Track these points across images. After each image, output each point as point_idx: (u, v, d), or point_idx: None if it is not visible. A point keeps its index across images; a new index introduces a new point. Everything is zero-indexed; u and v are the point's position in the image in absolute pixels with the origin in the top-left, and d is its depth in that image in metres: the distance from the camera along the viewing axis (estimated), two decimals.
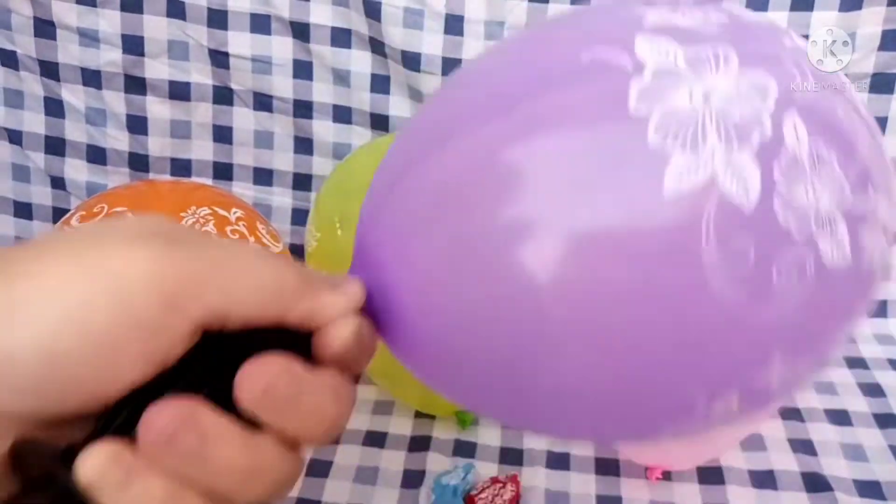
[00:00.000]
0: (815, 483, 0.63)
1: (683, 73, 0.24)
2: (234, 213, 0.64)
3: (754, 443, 0.67)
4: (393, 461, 0.66)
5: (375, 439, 0.68)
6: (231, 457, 0.22)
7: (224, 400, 0.22)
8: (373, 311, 0.27)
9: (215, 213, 0.62)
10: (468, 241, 0.25)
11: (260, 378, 0.22)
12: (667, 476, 0.64)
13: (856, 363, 0.78)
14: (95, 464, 0.21)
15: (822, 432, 0.69)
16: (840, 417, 0.70)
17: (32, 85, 0.86)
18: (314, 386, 0.23)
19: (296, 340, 0.25)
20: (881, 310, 0.84)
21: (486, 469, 0.65)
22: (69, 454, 0.21)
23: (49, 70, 0.85)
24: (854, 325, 0.28)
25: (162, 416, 0.21)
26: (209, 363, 0.23)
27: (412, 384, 0.70)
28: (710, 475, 0.64)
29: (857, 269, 0.25)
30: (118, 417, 0.22)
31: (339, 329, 0.25)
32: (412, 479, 0.64)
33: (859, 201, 0.25)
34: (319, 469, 0.65)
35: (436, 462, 0.65)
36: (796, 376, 0.26)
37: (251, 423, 0.23)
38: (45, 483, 0.21)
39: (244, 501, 0.23)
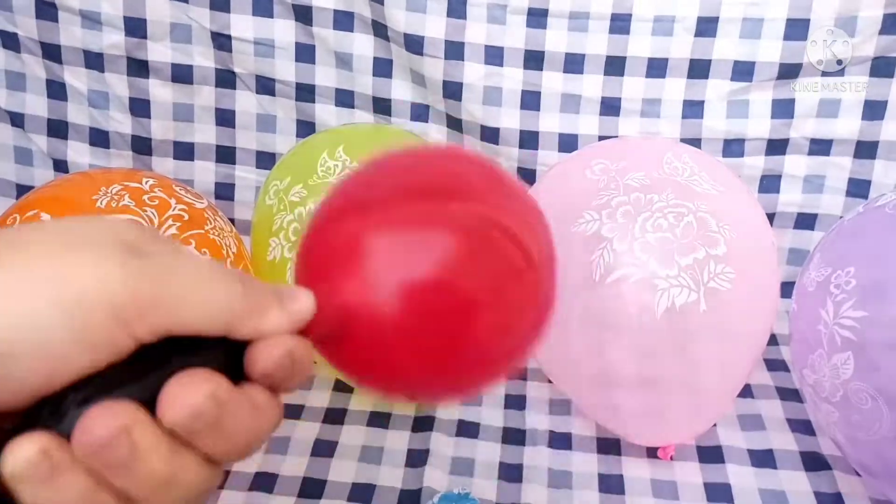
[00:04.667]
0: (814, 462, 0.64)
1: None
2: (147, 182, 0.64)
3: (753, 422, 0.68)
4: (396, 442, 0.67)
5: (378, 421, 0.69)
6: (154, 468, 0.22)
7: (153, 406, 0.23)
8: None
9: (127, 188, 0.62)
10: None
11: (184, 403, 0.22)
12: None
13: None
14: (26, 455, 0.21)
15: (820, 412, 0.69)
16: None
17: (34, 67, 0.86)
18: (237, 408, 0.24)
19: (233, 350, 0.24)
20: None
21: (488, 450, 0.66)
22: None
23: (51, 52, 0.85)
24: None
25: (100, 424, 0.21)
26: (144, 369, 0.23)
27: None
28: (710, 454, 0.65)
29: None
30: (45, 412, 0.22)
31: (270, 349, 0.25)
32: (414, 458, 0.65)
33: None
34: (323, 449, 0.66)
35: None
36: None
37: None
38: None
39: None
